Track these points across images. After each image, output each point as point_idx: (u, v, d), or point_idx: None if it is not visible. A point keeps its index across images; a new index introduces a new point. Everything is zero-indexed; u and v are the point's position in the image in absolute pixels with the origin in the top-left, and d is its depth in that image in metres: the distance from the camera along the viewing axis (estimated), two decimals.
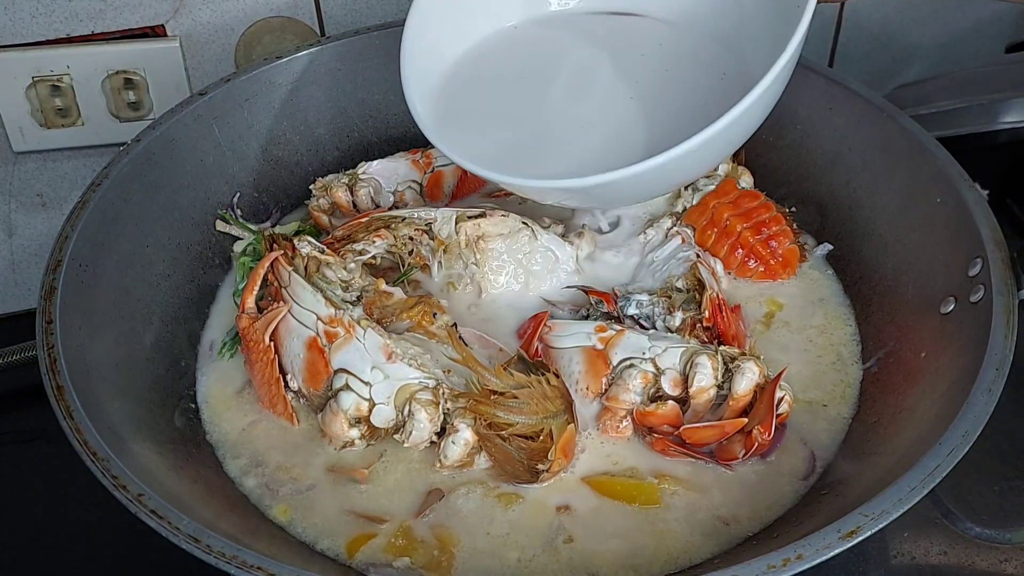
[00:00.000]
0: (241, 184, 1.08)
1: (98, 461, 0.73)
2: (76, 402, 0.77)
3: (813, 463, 0.86)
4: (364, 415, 0.86)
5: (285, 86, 1.10)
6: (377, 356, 0.86)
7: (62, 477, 0.98)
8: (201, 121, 1.04)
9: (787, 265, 1.01)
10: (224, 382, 0.95)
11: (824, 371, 0.94)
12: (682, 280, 0.97)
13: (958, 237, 0.89)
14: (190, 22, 1.18)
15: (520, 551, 0.80)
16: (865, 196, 1.02)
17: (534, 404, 0.84)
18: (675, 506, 0.83)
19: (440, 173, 1.11)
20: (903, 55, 1.40)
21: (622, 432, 0.88)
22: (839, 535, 0.67)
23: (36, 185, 1.24)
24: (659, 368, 0.87)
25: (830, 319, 0.99)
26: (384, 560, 0.80)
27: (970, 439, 0.72)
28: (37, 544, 0.96)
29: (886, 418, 0.86)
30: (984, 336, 0.79)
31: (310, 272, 0.94)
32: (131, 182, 0.96)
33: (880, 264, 0.98)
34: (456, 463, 0.85)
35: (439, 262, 1.01)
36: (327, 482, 0.86)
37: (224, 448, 0.90)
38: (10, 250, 1.27)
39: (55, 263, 0.86)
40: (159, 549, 0.70)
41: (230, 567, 0.67)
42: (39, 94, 1.16)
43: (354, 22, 1.22)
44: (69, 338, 0.82)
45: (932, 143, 0.95)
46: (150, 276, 0.96)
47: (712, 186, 1.05)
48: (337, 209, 1.07)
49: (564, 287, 1.00)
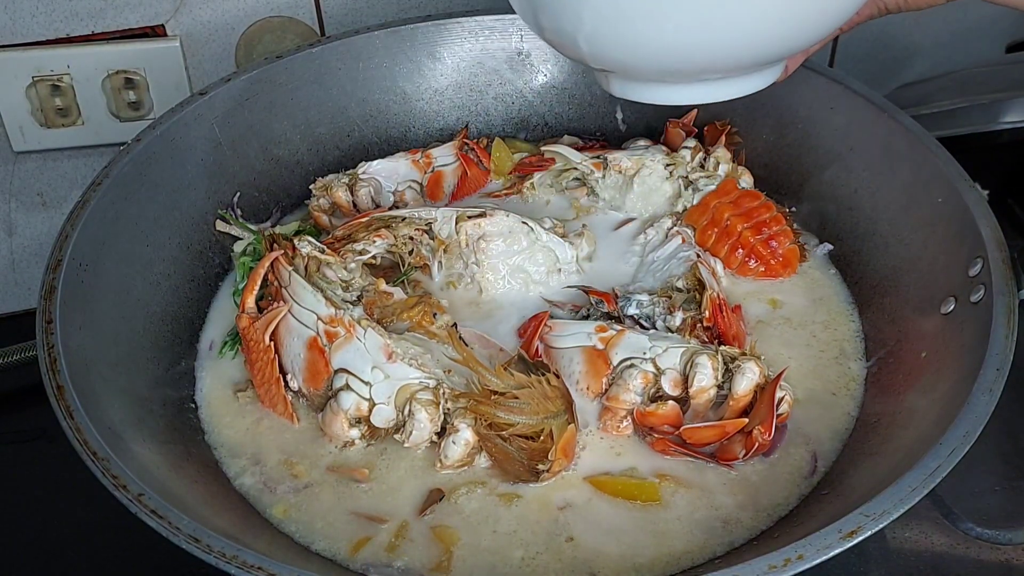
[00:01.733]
0: (241, 184, 1.08)
1: (98, 461, 0.73)
2: (76, 402, 0.77)
3: (814, 463, 0.86)
4: (364, 415, 0.86)
5: (285, 86, 1.10)
6: (377, 356, 0.86)
7: (62, 477, 0.98)
8: (201, 121, 1.04)
9: (787, 265, 1.01)
10: (224, 382, 0.95)
11: (827, 365, 0.94)
12: (682, 280, 0.97)
13: (959, 237, 0.89)
14: (190, 22, 1.18)
15: (524, 549, 0.80)
16: (866, 196, 1.02)
17: (534, 404, 0.84)
18: (676, 506, 0.83)
19: (440, 173, 1.11)
20: (904, 55, 1.40)
21: (622, 432, 0.88)
22: (840, 535, 0.67)
23: (36, 184, 1.24)
24: (659, 368, 0.87)
25: (833, 315, 0.99)
26: (384, 560, 0.80)
27: (971, 439, 0.72)
28: (37, 544, 0.95)
29: (887, 418, 0.86)
30: (984, 336, 0.79)
31: (310, 272, 0.94)
32: (131, 182, 0.96)
33: (880, 264, 0.98)
34: (456, 463, 0.85)
35: (439, 262, 1.01)
36: (327, 482, 0.86)
37: (224, 448, 0.90)
38: (10, 249, 1.27)
39: (55, 263, 0.86)
40: (159, 549, 0.70)
41: (230, 567, 0.67)
42: (39, 94, 1.16)
43: (354, 22, 1.22)
44: (69, 338, 0.82)
45: (933, 143, 0.95)
46: (150, 276, 0.96)
47: (712, 186, 1.05)
48: (337, 209, 1.07)
49: (564, 287, 1.00)
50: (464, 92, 1.18)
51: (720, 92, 0.79)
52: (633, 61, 0.75)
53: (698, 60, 0.74)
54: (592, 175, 1.09)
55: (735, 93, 0.79)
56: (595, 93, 1.18)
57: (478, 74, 1.18)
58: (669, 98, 0.80)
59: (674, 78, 0.78)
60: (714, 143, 1.10)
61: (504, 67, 1.18)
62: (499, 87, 1.19)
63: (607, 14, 0.71)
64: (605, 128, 1.19)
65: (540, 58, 1.17)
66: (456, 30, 1.15)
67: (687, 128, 1.11)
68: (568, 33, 0.74)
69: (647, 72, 0.78)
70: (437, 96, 1.18)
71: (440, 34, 1.15)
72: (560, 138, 1.17)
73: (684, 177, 1.07)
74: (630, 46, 0.73)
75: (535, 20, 0.77)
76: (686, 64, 0.74)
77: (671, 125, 1.12)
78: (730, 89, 0.79)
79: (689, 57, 0.73)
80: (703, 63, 0.74)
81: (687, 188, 1.06)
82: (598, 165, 1.09)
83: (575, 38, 0.74)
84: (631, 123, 1.18)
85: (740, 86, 0.79)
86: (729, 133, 1.10)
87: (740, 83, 0.79)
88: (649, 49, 0.73)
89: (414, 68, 1.16)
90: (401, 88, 1.16)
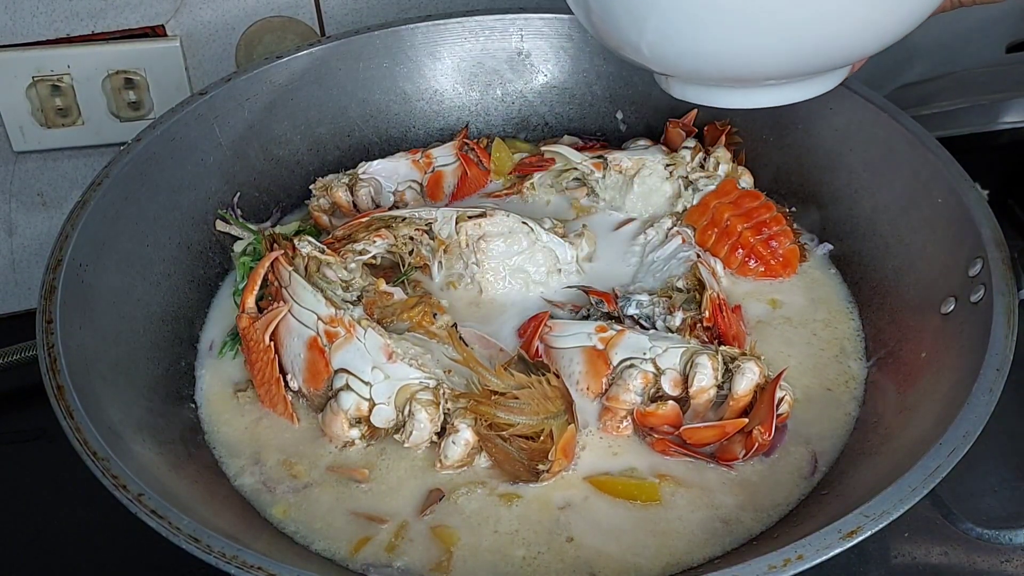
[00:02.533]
0: (241, 184, 1.08)
1: (98, 461, 0.73)
2: (76, 402, 0.77)
3: (814, 463, 0.86)
4: (364, 415, 0.86)
5: (285, 86, 1.10)
6: (377, 356, 0.86)
7: (62, 477, 0.98)
8: (202, 121, 1.04)
9: (787, 265, 1.01)
10: (224, 382, 0.95)
11: (827, 364, 0.94)
12: (682, 280, 0.97)
13: (959, 237, 0.89)
14: (190, 22, 1.18)
15: (526, 548, 0.80)
16: (866, 196, 1.02)
17: (534, 404, 0.84)
18: (676, 506, 0.83)
19: (440, 173, 1.11)
20: (904, 55, 1.40)
21: (622, 432, 0.88)
22: (839, 535, 0.67)
23: (36, 184, 1.24)
24: (659, 368, 0.87)
25: (833, 313, 0.99)
26: (384, 560, 0.80)
27: (971, 439, 0.72)
28: (37, 544, 0.95)
29: (886, 418, 0.86)
30: (984, 336, 0.79)
31: (310, 272, 0.94)
32: (131, 182, 0.96)
33: (881, 264, 0.98)
34: (456, 463, 0.85)
35: (439, 262, 1.01)
36: (327, 482, 0.86)
37: (224, 448, 0.90)
38: (10, 249, 1.27)
39: (55, 262, 0.86)
40: (159, 549, 0.70)
41: (230, 567, 0.67)
42: (39, 94, 1.16)
43: (354, 22, 1.22)
44: (69, 338, 0.82)
45: (933, 143, 0.95)
46: (150, 276, 0.96)
47: (712, 186, 1.05)
48: (337, 209, 1.07)
49: (564, 287, 1.00)
50: (464, 92, 1.18)
51: (787, 95, 0.76)
52: (699, 67, 0.72)
53: (769, 67, 0.71)
54: (592, 175, 1.09)
55: (802, 96, 0.76)
56: (595, 93, 1.18)
57: (478, 74, 1.18)
58: (732, 102, 0.76)
59: (740, 84, 0.75)
60: (714, 143, 1.10)
61: (504, 67, 1.18)
62: (499, 87, 1.19)
63: (675, 21, 0.67)
64: (605, 128, 1.19)
65: (540, 58, 1.17)
66: (456, 30, 1.15)
67: (687, 128, 1.11)
68: (631, 41, 0.71)
69: (712, 78, 0.74)
70: (437, 96, 1.18)
71: (440, 34, 1.15)
72: (560, 138, 1.17)
73: (684, 177, 1.07)
74: (697, 53, 0.70)
75: (595, 25, 0.74)
76: (756, 71, 0.71)
77: (671, 125, 1.12)
78: (797, 92, 0.76)
79: (761, 64, 0.70)
80: (773, 70, 0.71)
81: (687, 188, 1.06)
82: (598, 165, 1.09)
83: (638, 45, 0.71)
84: (631, 123, 1.18)
85: (808, 89, 0.76)
86: (729, 133, 1.10)
87: (808, 86, 0.75)
88: (717, 56, 0.70)
89: (414, 68, 1.16)
90: (401, 88, 1.16)
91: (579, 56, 1.17)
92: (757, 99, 0.77)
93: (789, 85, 0.76)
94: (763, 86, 0.76)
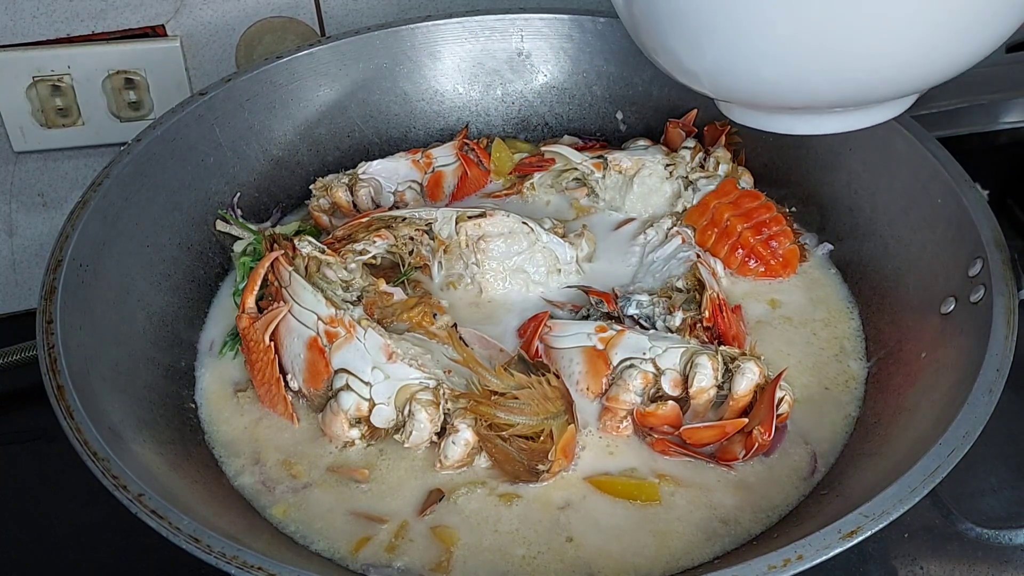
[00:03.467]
0: (241, 184, 1.08)
1: (98, 461, 0.73)
2: (76, 402, 0.77)
3: (814, 463, 0.86)
4: (364, 415, 0.86)
5: (285, 86, 1.10)
6: (378, 356, 0.86)
7: (62, 477, 0.98)
8: (202, 121, 1.04)
9: (787, 265, 1.01)
10: (224, 382, 0.95)
11: (827, 363, 0.94)
12: (682, 280, 0.97)
13: (958, 237, 0.89)
14: (191, 22, 1.18)
15: (526, 548, 0.80)
16: (866, 196, 1.02)
17: (534, 405, 0.84)
18: (676, 506, 0.83)
19: (440, 173, 1.11)
20: None
21: (622, 432, 0.88)
22: (839, 535, 0.67)
23: (37, 185, 1.24)
24: (659, 368, 0.87)
25: (833, 313, 0.99)
26: (384, 560, 0.80)
27: (970, 439, 0.72)
28: (37, 544, 0.95)
29: (886, 418, 0.86)
30: (984, 336, 0.79)
31: (310, 272, 0.94)
32: (132, 182, 0.96)
33: (881, 264, 0.98)
34: (456, 463, 0.85)
35: (439, 262, 1.01)
36: (327, 482, 0.86)
37: (224, 448, 0.90)
38: (11, 250, 1.27)
39: (55, 263, 0.86)
40: (159, 549, 0.70)
41: (230, 567, 0.67)
42: (39, 94, 1.16)
43: (354, 22, 1.22)
44: (69, 338, 0.82)
45: (933, 143, 0.95)
46: (150, 276, 0.96)
47: (712, 186, 1.05)
48: (337, 209, 1.07)
49: (564, 287, 1.00)
50: (464, 92, 1.18)
51: (850, 122, 0.74)
52: (760, 96, 0.71)
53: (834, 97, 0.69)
54: (592, 175, 1.09)
55: (866, 123, 0.74)
56: (595, 93, 1.18)
57: (478, 74, 1.18)
58: (794, 128, 0.75)
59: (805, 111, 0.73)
60: (714, 143, 1.10)
61: (504, 67, 1.18)
62: (499, 87, 1.19)
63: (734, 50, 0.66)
64: (605, 128, 1.19)
65: (540, 58, 1.17)
66: (456, 30, 1.15)
67: (687, 128, 1.11)
68: (690, 70, 0.71)
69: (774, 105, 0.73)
70: (437, 96, 1.18)
71: (440, 34, 1.15)
72: (560, 138, 1.17)
73: (684, 177, 1.07)
74: (758, 82, 0.69)
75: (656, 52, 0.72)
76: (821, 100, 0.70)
77: (671, 125, 1.12)
78: (862, 119, 0.74)
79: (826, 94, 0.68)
80: (838, 99, 0.70)
81: (687, 188, 1.06)
82: (598, 165, 1.09)
83: (696, 74, 0.71)
84: (631, 123, 1.18)
85: (873, 115, 0.74)
86: (729, 133, 1.10)
87: (874, 112, 0.74)
88: (780, 86, 0.68)
89: (414, 68, 1.16)
90: (401, 88, 1.16)
91: (579, 56, 1.17)
92: (822, 125, 0.75)
93: (856, 111, 0.75)
94: (829, 113, 0.75)
